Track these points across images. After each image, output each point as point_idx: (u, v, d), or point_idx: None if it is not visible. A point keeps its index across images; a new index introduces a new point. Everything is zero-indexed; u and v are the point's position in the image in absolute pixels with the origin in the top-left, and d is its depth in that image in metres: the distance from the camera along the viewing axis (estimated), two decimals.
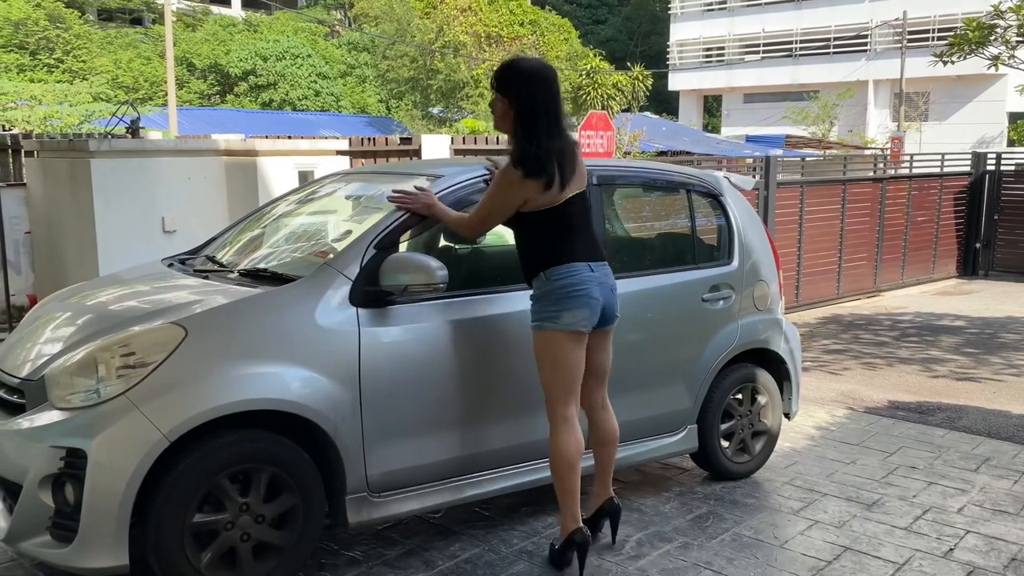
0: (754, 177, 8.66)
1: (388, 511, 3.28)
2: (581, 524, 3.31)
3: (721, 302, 4.17)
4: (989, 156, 12.03)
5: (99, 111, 16.55)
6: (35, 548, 2.87)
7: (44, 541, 2.85)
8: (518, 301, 3.54)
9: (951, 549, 3.63)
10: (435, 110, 29.27)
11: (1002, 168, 11.83)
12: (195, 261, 3.96)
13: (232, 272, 3.57)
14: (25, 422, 2.92)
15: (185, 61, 30.65)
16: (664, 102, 39.91)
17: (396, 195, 3.39)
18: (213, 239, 4.26)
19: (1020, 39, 13.14)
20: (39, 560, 3.02)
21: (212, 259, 3.91)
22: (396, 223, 3.35)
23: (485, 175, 3.61)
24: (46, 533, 2.84)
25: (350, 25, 37.48)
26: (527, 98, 3.15)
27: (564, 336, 3.20)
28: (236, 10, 40.77)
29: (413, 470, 3.31)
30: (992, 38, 12.77)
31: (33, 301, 6.26)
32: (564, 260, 3.21)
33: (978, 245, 11.90)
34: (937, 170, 11.48)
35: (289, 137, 11.00)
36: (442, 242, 4.09)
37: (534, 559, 3.45)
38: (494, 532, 3.71)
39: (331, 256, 3.36)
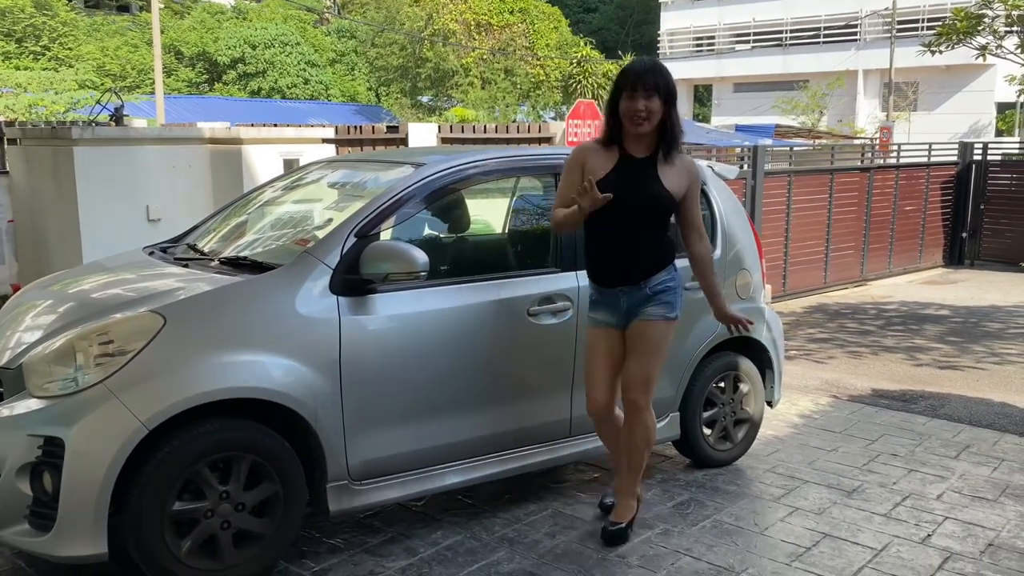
0: (742, 167, 8.67)
1: (370, 499, 3.29)
2: None
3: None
4: (976, 146, 12.06)
5: (85, 99, 16.41)
6: (13, 537, 2.86)
7: (22, 530, 2.84)
8: (500, 289, 3.56)
9: (929, 535, 3.66)
10: (424, 98, 29.19)
11: (988, 158, 11.85)
12: (176, 249, 3.94)
13: (213, 260, 3.56)
14: (3, 410, 2.91)
15: (173, 49, 30.43)
16: None
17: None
18: (195, 227, 4.25)
19: (1008, 29, 13.18)
20: (18, 549, 3.01)
21: (193, 247, 3.90)
22: (377, 211, 3.34)
23: (467, 162, 3.62)
24: (24, 522, 2.84)
25: (339, 13, 37.26)
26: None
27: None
28: None
29: (394, 458, 3.32)
30: (980, 28, 12.79)
31: (16, 290, 6.22)
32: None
33: (964, 235, 11.94)
34: (924, 160, 11.50)
35: (275, 125, 10.94)
36: (426, 231, 4.08)
37: (515, 546, 3.46)
38: (476, 520, 3.72)
39: (311, 244, 3.36)
